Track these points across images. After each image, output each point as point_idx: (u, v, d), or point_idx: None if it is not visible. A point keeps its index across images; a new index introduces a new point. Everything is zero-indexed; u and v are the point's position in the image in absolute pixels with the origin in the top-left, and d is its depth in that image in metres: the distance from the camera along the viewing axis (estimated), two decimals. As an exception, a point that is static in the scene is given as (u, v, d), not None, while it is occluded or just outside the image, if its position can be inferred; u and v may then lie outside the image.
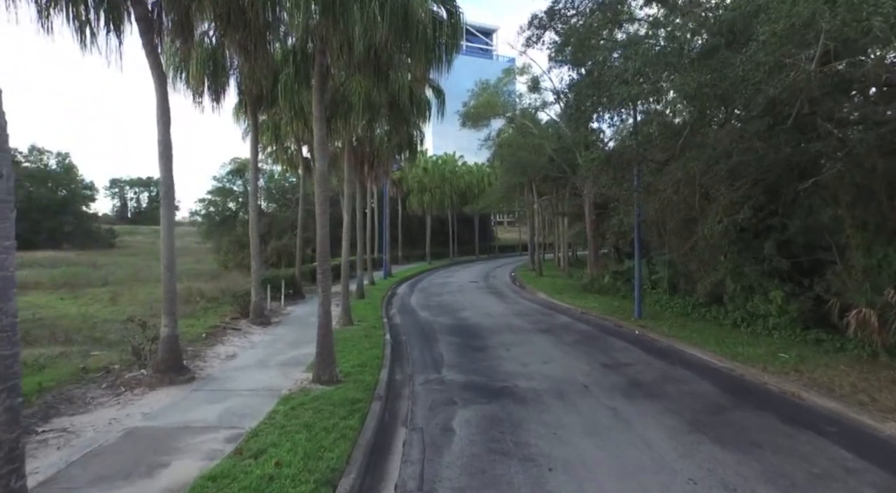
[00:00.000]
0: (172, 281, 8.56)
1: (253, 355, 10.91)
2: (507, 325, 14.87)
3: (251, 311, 14.65)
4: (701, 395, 7.89)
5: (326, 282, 8.59)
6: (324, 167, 8.74)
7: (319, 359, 8.61)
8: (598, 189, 18.15)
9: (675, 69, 7.28)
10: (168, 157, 8.42)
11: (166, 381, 8.10)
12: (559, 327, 14.49)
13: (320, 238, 8.65)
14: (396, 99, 13.40)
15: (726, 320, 14.07)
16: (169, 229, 8.51)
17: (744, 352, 10.39)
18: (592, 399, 7.77)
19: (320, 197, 8.69)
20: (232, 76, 14.41)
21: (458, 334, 13.63)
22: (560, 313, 17.33)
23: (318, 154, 8.66)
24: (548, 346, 11.90)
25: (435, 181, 45.51)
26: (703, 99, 7.29)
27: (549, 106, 24.80)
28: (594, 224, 23.28)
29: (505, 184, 29.98)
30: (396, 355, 11.35)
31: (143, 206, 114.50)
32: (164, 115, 8.37)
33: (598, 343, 12.25)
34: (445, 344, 12.28)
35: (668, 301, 17.69)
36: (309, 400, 7.52)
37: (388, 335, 13.21)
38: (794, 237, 12.00)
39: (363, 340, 12.30)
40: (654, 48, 7.95)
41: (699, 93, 7.02)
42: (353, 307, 18.05)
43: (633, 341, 12.44)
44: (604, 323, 15.37)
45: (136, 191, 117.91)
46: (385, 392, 8.26)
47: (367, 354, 10.76)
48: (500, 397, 7.97)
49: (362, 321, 15.15)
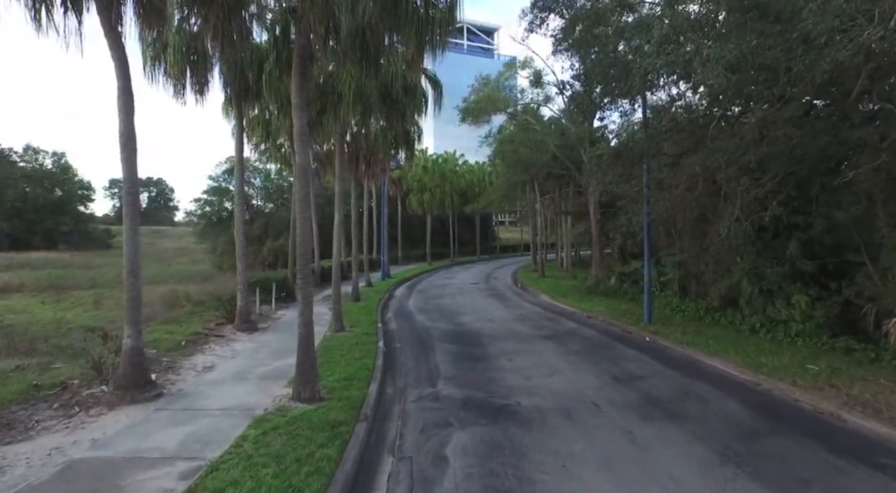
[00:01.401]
0: (137, 287, 7.70)
1: (232, 367, 10.05)
2: (508, 331, 13.99)
3: (237, 316, 13.80)
4: (728, 415, 7.00)
5: (307, 288, 7.72)
6: (305, 161, 7.88)
7: (300, 374, 7.75)
8: (605, 187, 17.26)
9: (709, 37, 6.36)
10: (131, 150, 7.57)
11: (128, 399, 7.24)
12: (564, 334, 13.60)
13: (300, 239, 7.78)
14: (389, 90, 12.52)
15: (743, 326, 13.16)
16: (132, 230, 7.65)
17: (768, 362, 9.49)
18: (605, 421, 6.89)
19: (300, 193, 7.82)
20: (216, 67, 13.61)
21: (457, 341, 12.76)
22: (564, 318, 16.43)
23: (299, 146, 7.79)
24: (552, 355, 11.02)
25: (435, 180, 44.64)
26: (746, 70, 6.36)
27: (552, 101, 23.95)
28: (599, 223, 22.38)
29: (506, 182, 29.08)
30: (389, 365, 10.48)
31: (144, 206, 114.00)
32: (126, 103, 7.52)
33: (607, 352, 11.36)
34: (443, 353, 11.41)
35: (679, 305, 16.79)
36: (284, 423, 6.66)
37: (382, 342, 12.34)
38: (820, 237, 11.09)
39: (354, 348, 11.43)
40: (681, 15, 6.99)
41: (742, 62, 6.09)
42: (347, 311, 17.19)
43: (644, 349, 11.55)
44: (611, 329, 14.47)
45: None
46: (372, 411, 7.40)
47: (357, 364, 9.89)
48: (500, 417, 7.10)
49: (355, 327, 14.29)
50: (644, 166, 13.96)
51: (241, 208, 14.09)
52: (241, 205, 14.07)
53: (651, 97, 13.37)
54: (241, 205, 14.07)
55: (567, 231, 31.50)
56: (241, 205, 14.07)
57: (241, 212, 14.05)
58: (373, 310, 17.62)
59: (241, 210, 14.07)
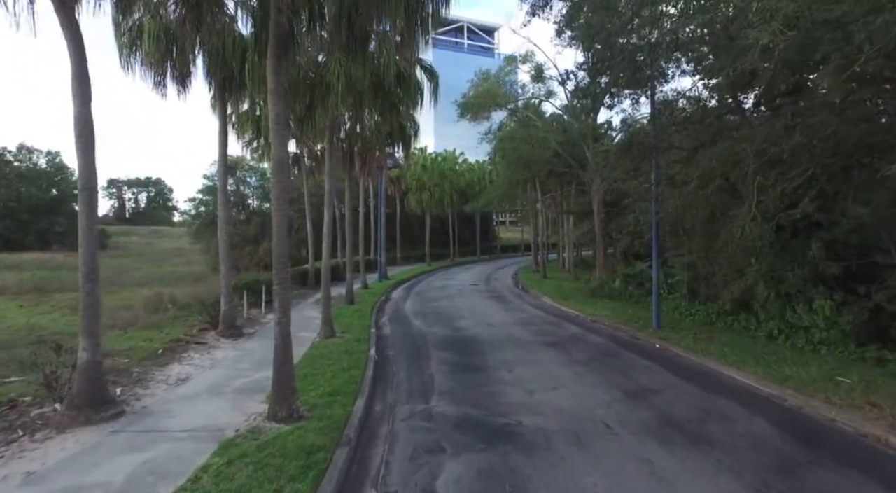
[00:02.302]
0: (95, 294, 6.90)
1: (209, 378, 9.24)
2: (509, 337, 13.17)
3: (220, 321, 13.00)
4: (759, 439, 6.18)
5: (284, 295, 6.92)
6: (282, 153, 7.07)
7: (276, 391, 6.94)
8: (610, 185, 16.44)
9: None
10: (88, 138, 6.76)
11: (81, 420, 6.44)
12: (568, 340, 12.79)
13: (276, 240, 6.97)
14: (381, 80, 11.72)
15: (759, 332, 12.36)
16: (89, 230, 6.85)
17: (793, 374, 8.66)
18: (619, 446, 6.07)
19: (276, 189, 7.02)
20: (199, 57, 12.81)
21: (454, 348, 11.94)
22: (568, 322, 15.61)
23: (275, 136, 6.99)
24: (557, 365, 10.20)
25: (434, 179, 43.80)
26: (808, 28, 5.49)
27: (554, 95, 23.10)
28: (603, 223, 21.56)
29: (507, 180, 28.24)
30: (380, 376, 9.67)
31: (142, 206, 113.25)
32: (81, 85, 6.72)
33: (615, 361, 10.54)
34: (438, 362, 10.60)
35: (688, 308, 15.97)
36: (255, 449, 5.85)
37: (374, 350, 11.54)
38: (845, 237, 10.28)
39: (342, 356, 10.62)
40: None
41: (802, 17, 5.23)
42: (340, 315, 16.40)
43: (655, 358, 10.73)
44: (618, 334, 13.65)
45: (135, 191, 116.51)
46: (356, 433, 6.59)
47: (344, 376, 9.08)
48: (500, 440, 6.28)
49: (346, 332, 13.48)
50: (653, 162, 13.19)
51: (225, 208, 13.29)
52: (224, 204, 13.26)
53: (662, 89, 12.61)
54: (225, 204, 13.26)
55: (569, 231, 30.68)
56: (224, 204, 13.26)
57: (224, 212, 13.25)
58: (367, 314, 16.82)
59: (224, 210, 13.27)
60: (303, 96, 12.24)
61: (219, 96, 12.71)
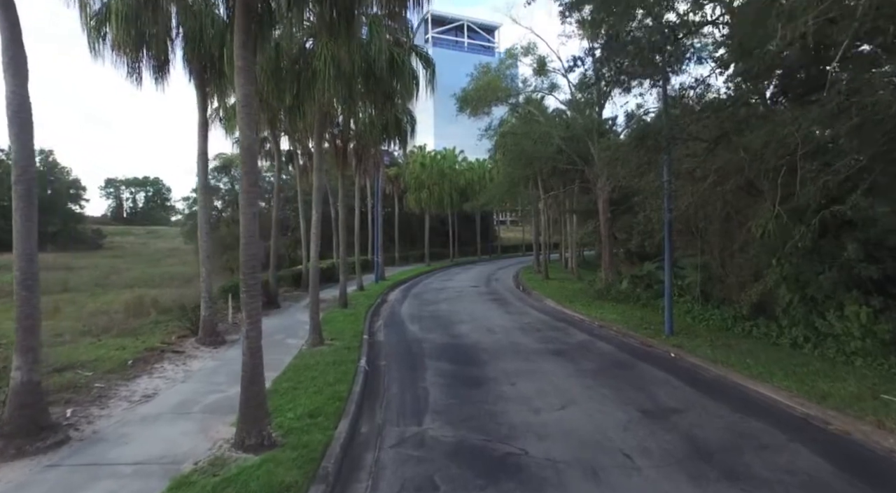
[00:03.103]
0: (32, 303, 5.97)
1: (179, 394, 8.31)
2: (511, 344, 12.24)
3: (200, 328, 12.07)
4: (810, 477, 5.23)
5: (253, 304, 5.99)
6: (250, 140, 6.12)
7: (244, 415, 6.02)
8: (617, 182, 15.50)
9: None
10: (24, 121, 5.83)
11: (11, 451, 5.51)
12: (575, 348, 11.85)
13: (245, 241, 6.04)
14: (373, 67, 10.80)
15: (782, 339, 11.40)
16: (26, 229, 5.92)
17: (831, 390, 7.72)
18: (643, 484, 5.13)
19: (245, 180, 6.07)
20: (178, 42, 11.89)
21: (452, 357, 11.01)
22: (574, 327, 14.67)
23: (242, 120, 6.04)
24: (564, 377, 9.26)
25: (433, 178, 42.84)
26: None
27: (558, 90, 22.11)
28: (608, 222, 20.60)
29: (508, 177, 27.25)
30: (369, 390, 8.74)
31: (140, 206, 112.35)
32: (15, 58, 5.77)
33: (628, 373, 9.60)
34: (434, 374, 9.66)
35: (702, 312, 15.01)
36: (211, 488, 4.92)
37: (364, 360, 10.61)
38: (882, 237, 9.33)
39: (329, 368, 9.69)
40: None
41: None
42: (331, 320, 15.49)
43: (671, 369, 9.79)
44: (628, 341, 12.71)
45: (133, 191, 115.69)
46: (336, 465, 5.65)
47: (328, 392, 8.14)
48: (503, 475, 5.35)
49: (336, 339, 12.55)
50: (665, 157, 12.27)
51: (205, 207, 12.36)
52: (204, 204, 12.32)
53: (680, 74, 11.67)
54: (205, 203, 12.32)
55: (573, 231, 29.73)
56: (204, 204, 12.32)
57: (204, 212, 12.32)
58: (360, 318, 15.88)
59: (204, 210, 12.34)
60: (290, 85, 11.30)
61: (198, 85, 11.77)
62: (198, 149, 11.93)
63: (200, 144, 11.93)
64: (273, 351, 11.42)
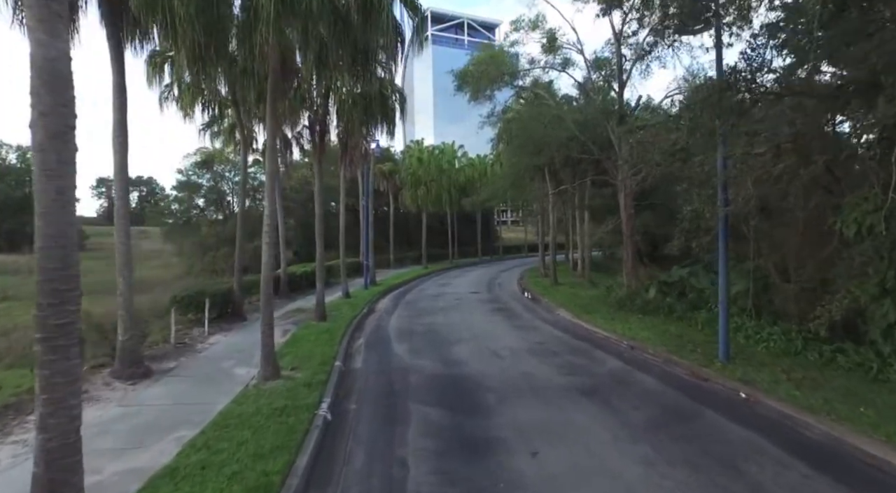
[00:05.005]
0: None
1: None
2: (523, 377, 9.39)
3: (116, 357, 9.24)
4: None
5: (62, 366, 3.12)
6: (51, 51, 3.29)
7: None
8: (653, 169, 12.64)
9: None
10: None
11: None
12: (610, 383, 8.99)
13: (41, 244, 3.17)
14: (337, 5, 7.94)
15: (889, 373, 8.55)
16: None
17: None
18: None
19: (43, 120, 3.23)
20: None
21: (446, 399, 8.17)
22: (600, 349, 11.81)
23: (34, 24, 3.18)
24: (608, 442, 6.39)
25: (431, 174, 39.93)
26: None
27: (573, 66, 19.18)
28: (632, 220, 17.75)
29: (513, 168, 24.27)
30: (320, 469, 5.88)
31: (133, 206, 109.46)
32: None
33: (697, 430, 6.73)
34: (420, 431, 6.81)
35: (756, 330, 12.11)
36: None
37: (328, 404, 7.77)
38: None
39: (271, 421, 6.85)
40: None
41: None
42: (300, 339, 12.66)
43: (754, 424, 6.93)
44: (674, 372, 9.86)
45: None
46: None
47: (251, 478, 5.30)
48: None
49: (299, 368, 9.72)
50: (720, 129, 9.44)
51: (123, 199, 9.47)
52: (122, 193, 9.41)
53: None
54: (123, 193, 9.41)
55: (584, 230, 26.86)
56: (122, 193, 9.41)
57: (123, 205, 9.45)
58: (337, 336, 13.00)
59: (123, 202, 9.46)
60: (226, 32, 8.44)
61: (109, 35, 8.89)
62: (113, 119, 9.06)
63: (117, 115, 9.07)
64: (208, 389, 8.60)
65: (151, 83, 14.66)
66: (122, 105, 9.07)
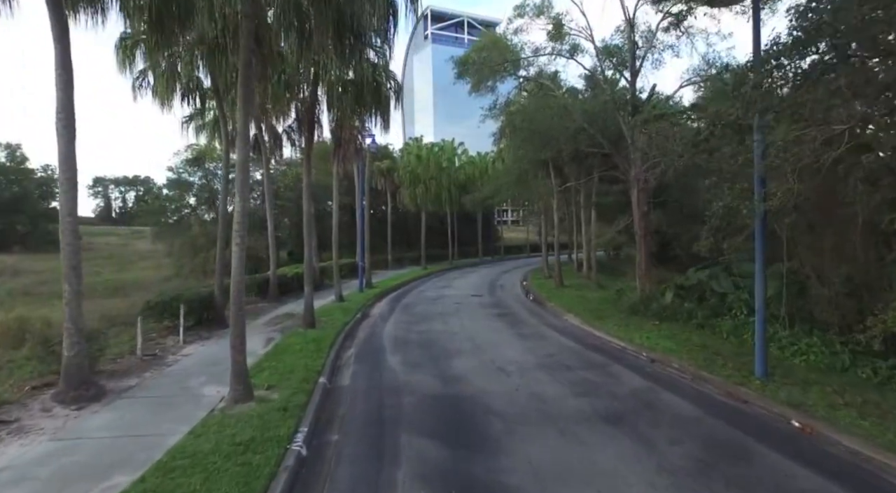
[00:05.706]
0: None
1: None
2: (534, 398, 8.12)
3: (61, 377, 7.97)
4: None
5: None
6: None
7: None
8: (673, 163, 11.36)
9: None
10: None
11: None
12: (635, 407, 7.71)
13: None
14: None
15: (964, 397, 7.30)
16: None
17: None
18: None
19: None
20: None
21: (444, 429, 6.89)
22: (617, 362, 10.53)
23: None
24: (641, 487, 5.12)
25: (430, 172, 38.63)
26: None
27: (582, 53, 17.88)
28: (645, 218, 16.48)
29: (517, 163, 22.94)
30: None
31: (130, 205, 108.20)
32: None
33: (756, 476, 5.46)
34: (412, 474, 5.54)
35: (792, 340, 10.87)
36: None
37: (304, 435, 6.51)
38: None
39: (230, 462, 5.59)
40: None
41: None
42: (284, 350, 11.37)
43: (825, 468, 5.65)
44: (706, 391, 8.60)
45: (122, 190, 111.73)
46: None
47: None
48: None
49: (276, 387, 8.46)
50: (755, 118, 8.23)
51: (69, 192, 8.19)
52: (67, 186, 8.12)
53: None
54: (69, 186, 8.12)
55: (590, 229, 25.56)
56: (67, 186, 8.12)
57: (69, 200, 8.18)
58: (325, 346, 11.74)
59: (68, 197, 8.18)
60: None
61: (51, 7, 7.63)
62: (56, 100, 7.79)
63: (61, 94, 7.79)
64: (166, 415, 7.33)
65: (123, 69, 13.49)
66: (68, 83, 7.80)
